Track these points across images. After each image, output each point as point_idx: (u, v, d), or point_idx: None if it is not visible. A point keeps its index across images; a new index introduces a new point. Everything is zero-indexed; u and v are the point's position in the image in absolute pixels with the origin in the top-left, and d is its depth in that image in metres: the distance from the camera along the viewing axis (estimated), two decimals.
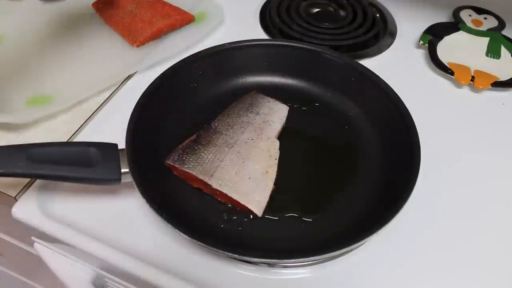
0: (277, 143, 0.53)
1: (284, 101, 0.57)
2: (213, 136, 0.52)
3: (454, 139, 0.57)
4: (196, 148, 0.50)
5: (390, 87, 0.54)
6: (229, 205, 0.48)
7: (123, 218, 0.48)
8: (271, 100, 0.57)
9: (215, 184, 0.47)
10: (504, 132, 0.59)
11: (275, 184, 0.49)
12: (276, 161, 0.51)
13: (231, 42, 0.59)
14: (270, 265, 0.45)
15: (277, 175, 0.50)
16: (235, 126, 0.53)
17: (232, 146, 0.51)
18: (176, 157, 0.49)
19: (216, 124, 0.53)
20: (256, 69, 0.60)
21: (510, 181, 0.53)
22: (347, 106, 0.57)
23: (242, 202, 0.47)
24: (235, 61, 0.59)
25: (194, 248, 0.46)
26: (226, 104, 0.56)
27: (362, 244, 0.46)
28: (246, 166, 0.49)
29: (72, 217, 0.47)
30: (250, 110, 0.55)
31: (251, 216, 0.47)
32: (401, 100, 0.53)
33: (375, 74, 0.56)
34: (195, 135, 0.51)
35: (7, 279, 0.82)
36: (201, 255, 0.46)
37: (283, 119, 0.55)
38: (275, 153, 0.52)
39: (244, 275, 0.45)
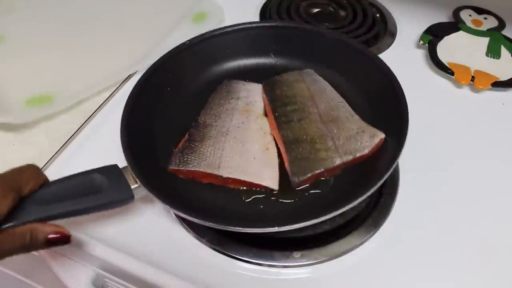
0: (266, 120, 0.54)
1: (257, 81, 0.58)
2: (205, 130, 0.52)
3: (454, 139, 0.57)
4: (194, 146, 0.50)
5: (366, 48, 0.56)
6: (244, 188, 0.48)
7: (122, 218, 0.48)
8: (245, 83, 0.58)
9: (225, 173, 0.47)
10: (504, 132, 0.59)
11: (279, 157, 0.50)
12: (272, 136, 0.52)
13: (190, 39, 0.59)
14: (271, 265, 0.45)
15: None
16: (222, 115, 0.54)
17: (227, 134, 0.51)
18: (178, 161, 0.49)
19: (203, 118, 0.54)
20: (221, 58, 0.60)
21: (510, 181, 0.53)
22: (323, 71, 0.58)
23: (256, 182, 0.47)
24: (198, 56, 0.59)
25: (194, 248, 0.46)
26: (204, 97, 0.56)
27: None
28: (247, 148, 0.50)
29: (71, 217, 0.47)
30: (230, 97, 0.56)
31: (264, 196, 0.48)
32: (379, 58, 0.54)
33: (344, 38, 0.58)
34: (187, 135, 0.52)
35: (7, 279, 0.82)
36: (201, 255, 0.46)
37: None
38: (268, 129, 0.53)
39: (244, 275, 0.45)
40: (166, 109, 0.55)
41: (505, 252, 0.47)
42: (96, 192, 0.42)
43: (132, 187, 0.44)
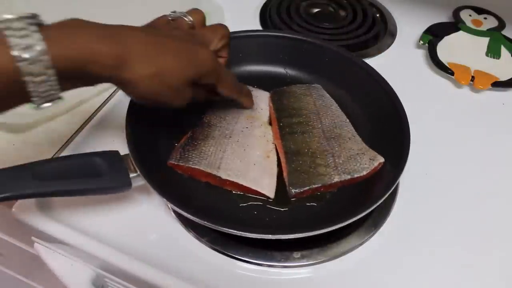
0: (270, 128, 0.54)
1: (266, 88, 0.58)
2: (209, 130, 0.52)
3: (454, 139, 0.57)
4: (196, 143, 0.50)
5: (375, 70, 0.56)
6: (239, 193, 0.48)
7: (122, 218, 0.48)
8: (253, 88, 0.58)
9: (224, 175, 0.47)
10: (504, 132, 0.59)
11: (278, 166, 0.50)
12: (274, 145, 0.52)
13: None
14: (271, 265, 0.45)
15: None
16: (227, 118, 0.54)
17: (230, 137, 0.51)
18: (179, 156, 0.49)
19: (208, 118, 0.54)
20: (232, 61, 0.59)
21: (510, 180, 0.53)
22: (330, 88, 0.58)
23: (254, 188, 0.47)
24: None
25: (194, 248, 0.46)
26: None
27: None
28: (248, 153, 0.50)
29: (72, 217, 0.47)
30: None
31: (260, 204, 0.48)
32: (387, 82, 0.54)
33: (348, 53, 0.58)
34: (190, 132, 0.52)
35: (7, 279, 0.82)
36: (201, 255, 0.46)
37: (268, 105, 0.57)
38: (271, 137, 0.53)
39: (244, 275, 0.45)
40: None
41: (505, 253, 0.47)
42: (95, 175, 0.43)
43: (131, 175, 0.44)
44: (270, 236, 0.42)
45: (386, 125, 0.52)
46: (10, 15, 0.35)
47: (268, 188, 0.48)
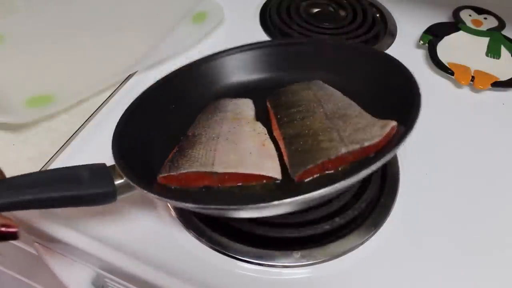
0: (259, 123, 0.50)
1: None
2: (195, 139, 0.49)
3: (454, 139, 0.57)
4: (184, 152, 0.47)
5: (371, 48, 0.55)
6: (240, 185, 0.44)
7: (122, 218, 0.48)
8: (233, 99, 0.55)
9: (220, 169, 0.44)
10: (504, 132, 0.59)
11: (277, 151, 0.46)
12: (267, 135, 0.48)
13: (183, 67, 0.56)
14: (271, 265, 0.45)
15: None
16: (211, 125, 0.50)
17: (218, 137, 0.48)
18: (168, 168, 0.45)
19: (192, 131, 0.50)
20: (226, 77, 0.58)
21: (510, 180, 0.53)
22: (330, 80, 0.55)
23: (257, 172, 0.43)
24: (203, 77, 0.57)
25: (194, 248, 0.46)
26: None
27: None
28: (240, 146, 0.46)
29: (71, 217, 0.47)
30: (219, 111, 0.53)
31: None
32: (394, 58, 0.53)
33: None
34: (176, 147, 0.49)
35: (7, 279, 0.82)
36: (201, 255, 0.46)
37: (253, 108, 0.53)
38: (262, 129, 0.49)
39: (244, 275, 0.45)
40: (166, 123, 0.52)
41: (506, 253, 0.47)
42: (76, 183, 0.40)
43: (116, 182, 0.41)
44: (273, 203, 0.37)
45: (395, 96, 0.49)
46: None
47: (273, 170, 0.44)
